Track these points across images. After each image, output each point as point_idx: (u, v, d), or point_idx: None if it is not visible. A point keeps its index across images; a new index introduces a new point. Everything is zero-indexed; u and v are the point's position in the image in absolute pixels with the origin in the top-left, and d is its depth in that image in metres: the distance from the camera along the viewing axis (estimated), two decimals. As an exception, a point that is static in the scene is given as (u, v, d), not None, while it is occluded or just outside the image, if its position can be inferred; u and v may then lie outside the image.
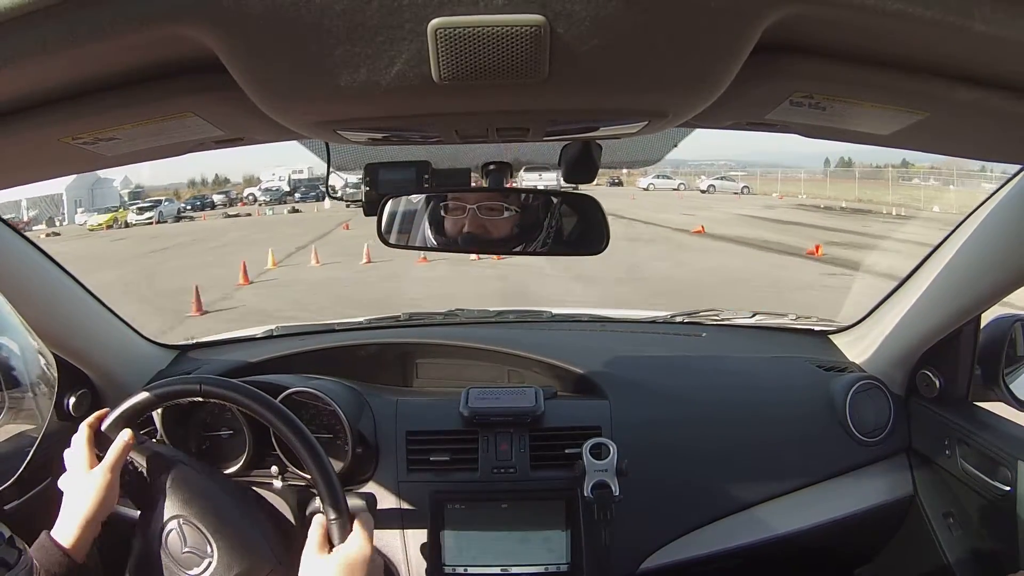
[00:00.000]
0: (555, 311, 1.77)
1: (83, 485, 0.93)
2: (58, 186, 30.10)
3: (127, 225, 24.43)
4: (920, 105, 0.57)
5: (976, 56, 0.49)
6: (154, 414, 1.23)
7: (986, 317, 1.19)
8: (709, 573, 1.33)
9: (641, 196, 26.06)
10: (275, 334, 1.63)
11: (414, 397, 1.38)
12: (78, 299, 1.27)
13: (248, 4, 0.42)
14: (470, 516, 1.23)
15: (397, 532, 1.23)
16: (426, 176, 0.97)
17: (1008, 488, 1.09)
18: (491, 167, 0.98)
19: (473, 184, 1.02)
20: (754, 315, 1.72)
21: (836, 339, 1.52)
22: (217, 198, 31.88)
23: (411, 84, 0.48)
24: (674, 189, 29.95)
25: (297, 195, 30.36)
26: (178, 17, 0.43)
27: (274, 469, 1.21)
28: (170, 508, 0.96)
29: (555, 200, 0.96)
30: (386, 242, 0.97)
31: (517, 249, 0.97)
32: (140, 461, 0.99)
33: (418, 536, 1.22)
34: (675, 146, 1.05)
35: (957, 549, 1.22)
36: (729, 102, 0.55)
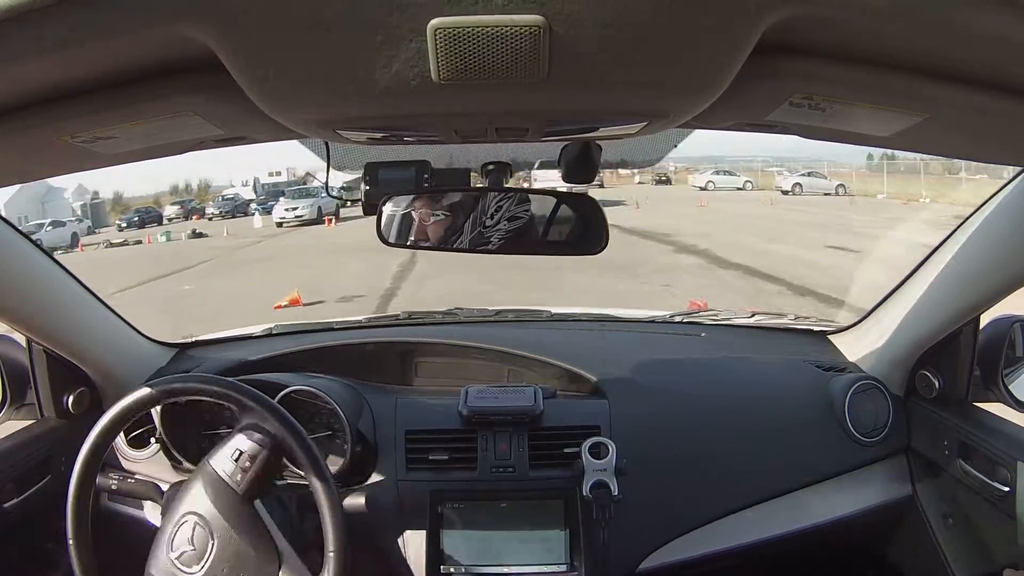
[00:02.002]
0: (554, 310, 1.77)
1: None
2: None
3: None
4: (920, 106, 0.57)
5: (976, 57, 0.49)
6: (153, 412, 1.24)
7: (985, 318, 1.19)
8: (708, 573, 1.33)
9: (691, 202, 16.58)
10: (274, 332, 1.63)
11: (413, 396, 1.38)
12: (78, 297, 1.27)
13: (247, 3, 0.42)
14: (469, 515, 1.23)
15: (396, 531, 1.23)
16: (426, 176, 0.97)
17: (1007, 488, 1.09)
18: (490, 167, 0.98)
19: (473, 184, 1.02)
20: (753, 315, 1.72)
21: (835, 339, 1.52)
22: (171, 211, 23.93)
23: (410, 84, 0.48)
24: (739, 188, 22.35)
25: (253, 206, 22.76)
26: (177, 16, 0.43)
27: None
28: (191, 504, 0.97)
29: (534, 204, 0.96)
30: (385, 241, 0.98)
31: (502, 249, 0.96)
32: None
33: (417, 535, 1.22)
34: (675, 147, 1.04)
35: (956, 549, 1.22)
36: (729, 103, 0.55)
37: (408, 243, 0.98)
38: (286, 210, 18.21)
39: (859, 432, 1.31)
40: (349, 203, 16.54)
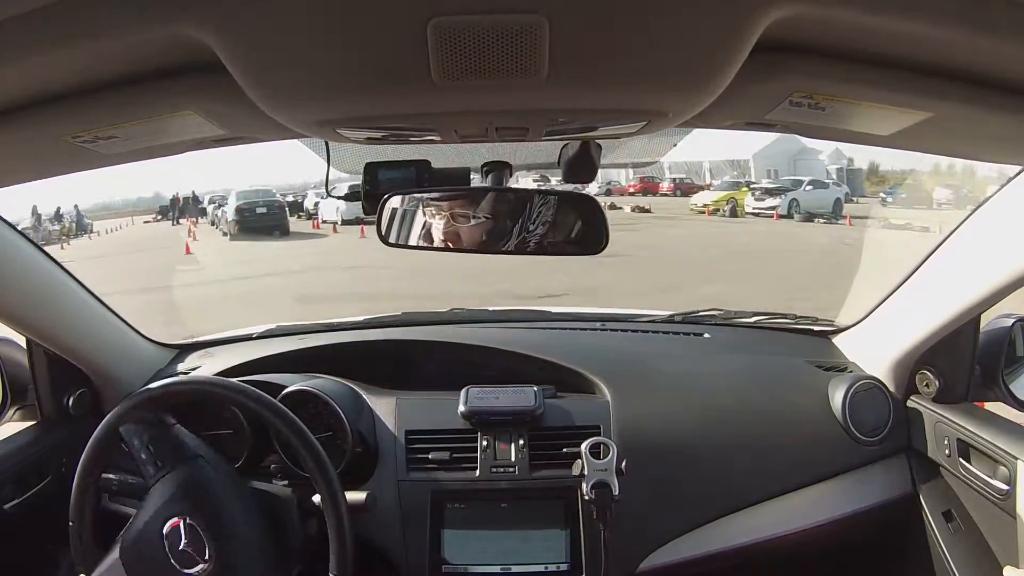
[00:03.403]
0: (555, 310, 1.77)
1: None
2: (746, 151, 20.40)
3: (735, 213, 14.19)
4: (921, 105, 0.57)
5: (976, 57, 0.49)
6: None
7: (985, 317, 1.19)
8: (708, 573, 1.32)
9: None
10: (274, 332, 1.63)
11: (413, 396, 1.38)
12: (78, 298, 1.27)
13: (247, 3, 0.42)
14: (470, 515, 1.23)
15: (397, 531, 1.23)
16: (426, 176, 0.97)
17: (1008, 488, 1.09)
18: (487, 168, 0.97)
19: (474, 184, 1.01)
20: (754, 315, 1.71)
21: (836, 339, 1.52)
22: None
23: (410, 83, 0.48)
24: None
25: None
26: (178, 16, 0.43)
27: (274, 468, 1.22)
28: (175, 504, 0.96)
29: (535, 203, 0.95)
30: (385, 241, 0.97)
31: (501, 249, 0.95)
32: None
33: (418, 535, 1.22)
34: (674, 146, 1.04)
35: (957, 549, 1.22)
36: (729, 102, 0.55)
37: (401, 242, 0.97)
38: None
39: (859, 432, 1.31)
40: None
